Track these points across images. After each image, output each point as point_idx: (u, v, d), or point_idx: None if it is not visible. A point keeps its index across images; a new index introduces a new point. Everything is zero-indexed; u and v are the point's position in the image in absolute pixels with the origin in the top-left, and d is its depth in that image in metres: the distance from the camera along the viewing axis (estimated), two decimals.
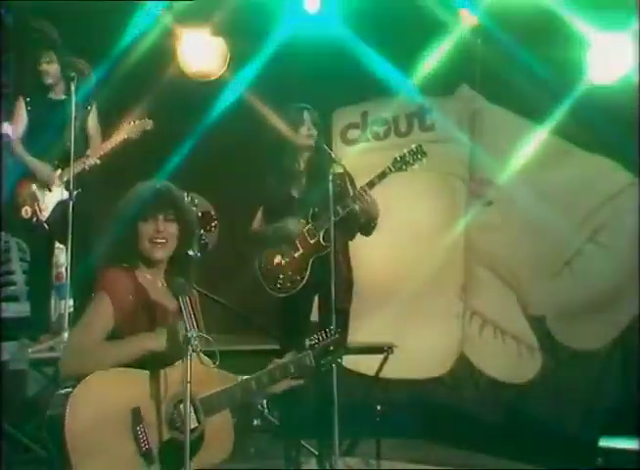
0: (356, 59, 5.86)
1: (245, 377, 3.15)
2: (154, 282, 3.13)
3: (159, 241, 3.08)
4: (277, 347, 4.68)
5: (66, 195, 5.32)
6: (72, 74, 5.21)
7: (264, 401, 4.78)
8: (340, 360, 3.33)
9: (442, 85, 6.27)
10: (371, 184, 4.64)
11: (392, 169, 4.67)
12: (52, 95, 5.48)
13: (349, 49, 5.86)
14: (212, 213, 5.70)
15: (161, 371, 2.97)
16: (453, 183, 6.42)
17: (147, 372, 2.97)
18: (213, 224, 5.68)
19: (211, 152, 6.24)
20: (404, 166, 4.68)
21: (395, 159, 4.69)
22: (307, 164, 4.81)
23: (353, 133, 6.74)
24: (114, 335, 3.03)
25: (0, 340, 4.96)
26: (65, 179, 5.34)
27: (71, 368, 2.93)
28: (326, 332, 3.18)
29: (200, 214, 5.51)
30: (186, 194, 4.12)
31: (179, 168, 5.58)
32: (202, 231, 5.53)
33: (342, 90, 6.36)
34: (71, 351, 3.01)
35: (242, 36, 6.15)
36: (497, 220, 6.24)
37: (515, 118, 6.18)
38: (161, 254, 3.10)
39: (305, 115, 4.78)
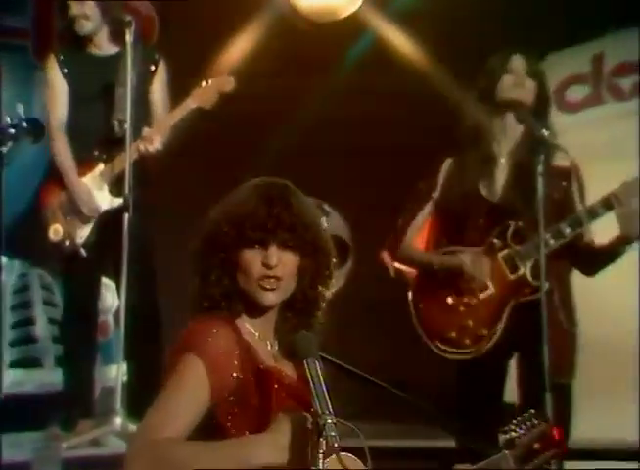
0: None
1: None
2: (260, 340, 2.55)
3: (270, 280, 2.42)
4: (451, 443, 3.90)
5: (113, 202, 4.32)
6: (128, 18, 4.28)
7: None
8: (550, 465, 2.85)
9: None
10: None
11: None
12: (93, 49, 4.48)
13: None
14: (346, 240, 4.52)
15: None
16: None
17: None
18: (345, 257, 4.51)
19: (338, 135, 5.29)
20: None
21: None
22: (514, 149, 4.04)
23: (577, 91, 5.54)
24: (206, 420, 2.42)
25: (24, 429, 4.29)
26: (111, 176, 4.35)
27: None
28: (529, 419, 2.55)
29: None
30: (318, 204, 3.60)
31: (286, 161, 4.79)
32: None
33: (559, 24, 5.21)
34: (144, 444, 2.32)
35: None
36: None
37: None
38: (273, 298, 2.44)
39: (515, 59, 4.04)
